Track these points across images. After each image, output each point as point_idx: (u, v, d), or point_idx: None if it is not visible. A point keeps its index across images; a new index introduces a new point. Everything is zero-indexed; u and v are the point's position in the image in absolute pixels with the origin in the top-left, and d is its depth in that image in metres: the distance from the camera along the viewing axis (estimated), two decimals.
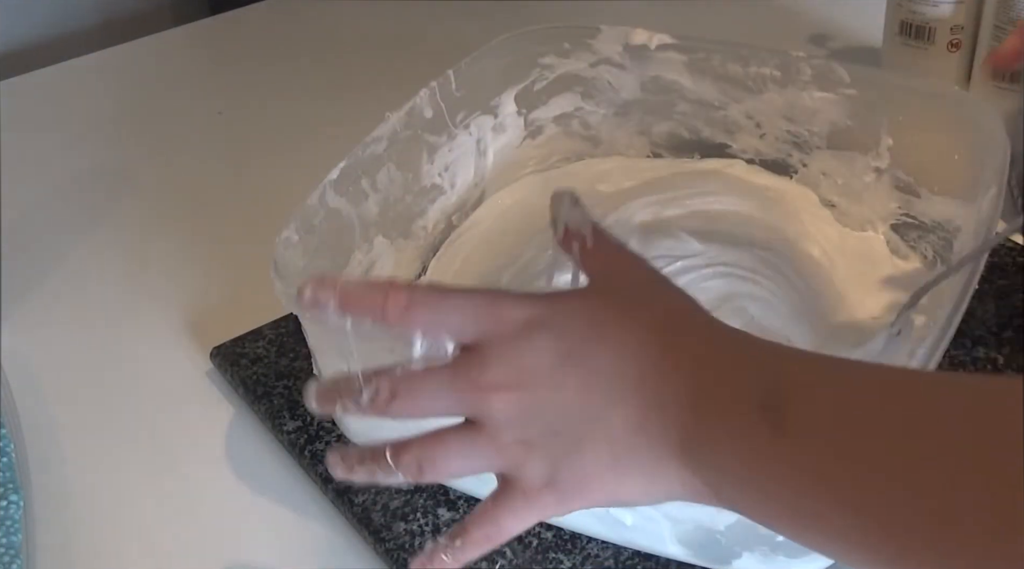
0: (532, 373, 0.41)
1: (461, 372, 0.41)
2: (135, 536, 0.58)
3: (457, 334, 0.42)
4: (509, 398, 0.41)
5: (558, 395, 0.40)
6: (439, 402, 0.42)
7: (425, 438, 0.42)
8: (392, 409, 0.42)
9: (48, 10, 1.24)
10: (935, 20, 0.82)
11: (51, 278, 0.76)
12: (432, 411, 0.42)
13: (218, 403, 0.65)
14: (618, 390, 0.40)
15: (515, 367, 0.41)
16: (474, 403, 0.41)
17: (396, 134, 0.63)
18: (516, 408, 0.41)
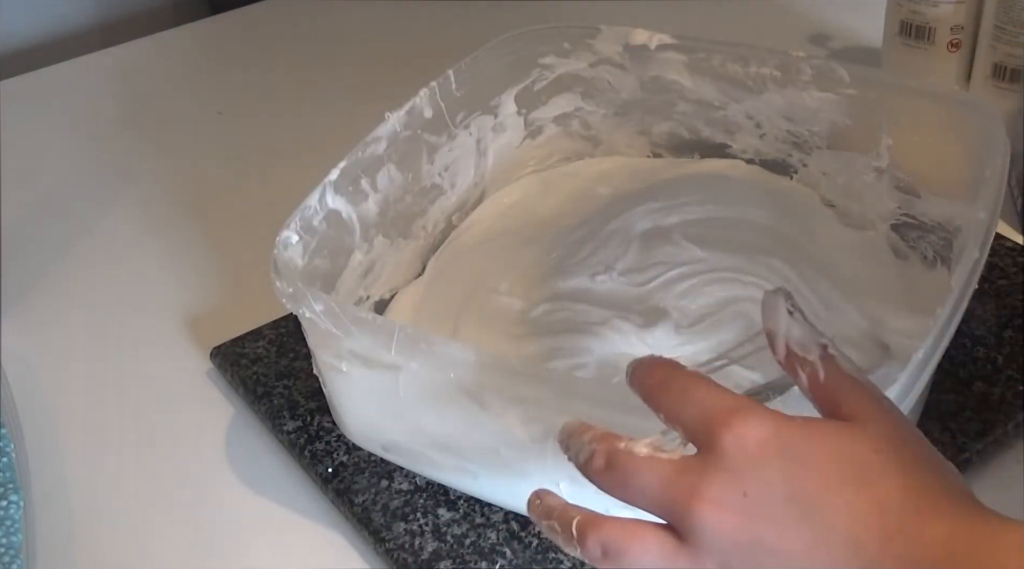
0: (756, 504, 0.37)
1: (685, 474, 0.38)
2: (135, 536, 0.58)
3: (690, 433, 0.39)
4: (725, 520, 0.37)
5: (779, 539, 0.37)
6: (649, 496, 0.39)
7: (621, 525, 0.40)
8: (598, 478, 0.40)
9: (48, 10, 1.24)
10: (935, 20, 0.82)
11: (51, 278, 0.76)
12: (636, 501, 0.39)
13: (218, 403, 0.65)
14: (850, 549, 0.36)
15: (739, 491, 0.37)
16: (687, 512, 0.38)
17: (396, 134, 0.63)
18: (730, 533, 0.37)
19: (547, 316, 0.60)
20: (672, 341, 0.57)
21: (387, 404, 0.52)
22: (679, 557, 0.38)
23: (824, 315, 0.59)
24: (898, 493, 0.37)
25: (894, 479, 0.37)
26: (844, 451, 0.38)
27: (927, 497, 0.37)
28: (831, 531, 0.36)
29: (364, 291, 0.63)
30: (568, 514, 0.41)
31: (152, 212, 0.81)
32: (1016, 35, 0.78)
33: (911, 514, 0.36)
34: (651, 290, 0.60)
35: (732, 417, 0.38)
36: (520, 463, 0.50)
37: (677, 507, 0.38)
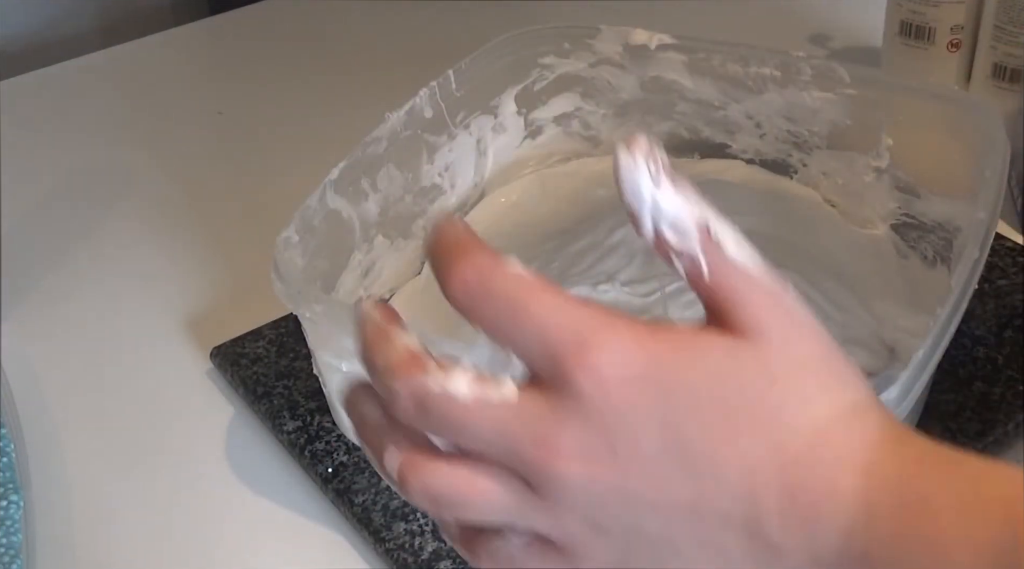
0: (628, 459, 0.31)
1: (528, 418, 0.31)
2: (135, 536, 0.58)
3: (531, 365, 0.32)
4: (591, 477, 0.31)
5: (660, 495, 0.31)
6: (485, 446, 0.32)
7: (454, 474, 0.32)
8: (413, 425, 0.32)
9: (48, 10, 1.24)
10: (935, 20, 0.82)
11: (51, 278, 0.76)
12: (474, 450, 0.32)
13: (218, 403, 0.64)
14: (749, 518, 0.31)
15: (605, 445, 0.30)
16: (540, 469, 0.31)
17: (396, 134, 0.63)
18: (598, 492, 0.31)
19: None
20: None
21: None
22: (532, 511, 0.32)
23: (839, 317, 0.58)
24: (802, 435, 0.31)
25: (797, 417, 0.31)
26: (732, 383, 0.31)
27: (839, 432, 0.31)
28: (721, 484, 0.31)
29: (364, 291, 0.63)
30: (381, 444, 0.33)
31: (152, 212, 0.81)
32: (1016, 35, 0.78)
33: (817, 462, 0.31)
34: (655, 301, 0.60)
35: (585, 349, 0.30)
36: None
37: (526, 461, 0.31)
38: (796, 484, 0.30)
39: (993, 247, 0.55)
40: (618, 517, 0.32)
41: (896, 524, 0.30)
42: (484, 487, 0.32)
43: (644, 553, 0.32)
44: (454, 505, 0.33)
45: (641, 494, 0.31)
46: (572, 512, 0.32)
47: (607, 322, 0.31)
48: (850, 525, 0.30)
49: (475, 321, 0.32)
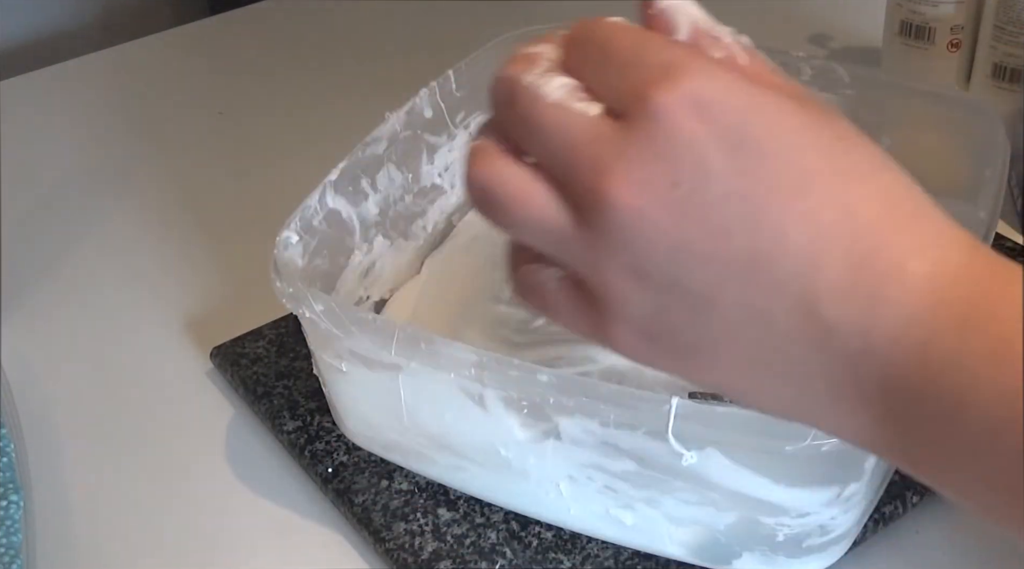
0: (689, 199, 0.28)
1: (595, 135, 0.29)
2: (135, 536, 0.58)
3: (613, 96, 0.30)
4: (645, 213, 0.29)
5: (713, 246, 0.29)
6: (551, 154, 0.30)
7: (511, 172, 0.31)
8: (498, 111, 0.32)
9: (48, 10, 1.24)
10: (935, 20, 0.82)
11: (51, 278, 0.76)
12: (541, 156, 0.31)
13: (218, 403, 0.65)
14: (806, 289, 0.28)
15: (667, 179, 0.28)
16: (594, 191, 0.29)
17: (396, 134, 0.63)
18: (649, 231, 0.29)
19: (550, 326, 0.60)
20: None
21: (387, 404, 0.52)
22: (574, 242, 0.30)
23: None
24: (875, 205, 0.29)
25: (868, 183, 0.29)
26: (810, 136, 0.29)
27: (906, 213, 0.30)
28: (782, 243, 0.28)
29: (364, 291, 0.63)
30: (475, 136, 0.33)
31: (152, 212, 0.81)
32: (1016, 35, 0.78)
33: (887, 236, 0.29)
34: None
35: (668, 74, 0.29)
36: (520, 463, 0.50)
37: (581, 181, 0.29)
38: (864, 255, 0.28)
39: (993, 247, 0.55)
40: (661, 264, 0.29)
41: (960, 319, 0.28)
42: (534, 199, 0.31)
43: (680, 312, 0.30)
44: (501, 205, 0.31)
45: (693, 241, 0.29)
46: (615, 251, 0.30)
47: (699, 55, 0.30)
48: (913, 312, 0.28)
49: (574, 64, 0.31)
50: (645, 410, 0.44)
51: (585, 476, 0.49)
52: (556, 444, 0.49)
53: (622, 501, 0.49)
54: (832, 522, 0.48)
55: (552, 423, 0.48)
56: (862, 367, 0.29)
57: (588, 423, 0.47)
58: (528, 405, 0.48)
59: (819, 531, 0.48)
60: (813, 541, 0.48)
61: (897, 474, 0.53)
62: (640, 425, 0.46)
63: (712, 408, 0.44)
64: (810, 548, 0.49)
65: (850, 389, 0.29)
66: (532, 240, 0.32)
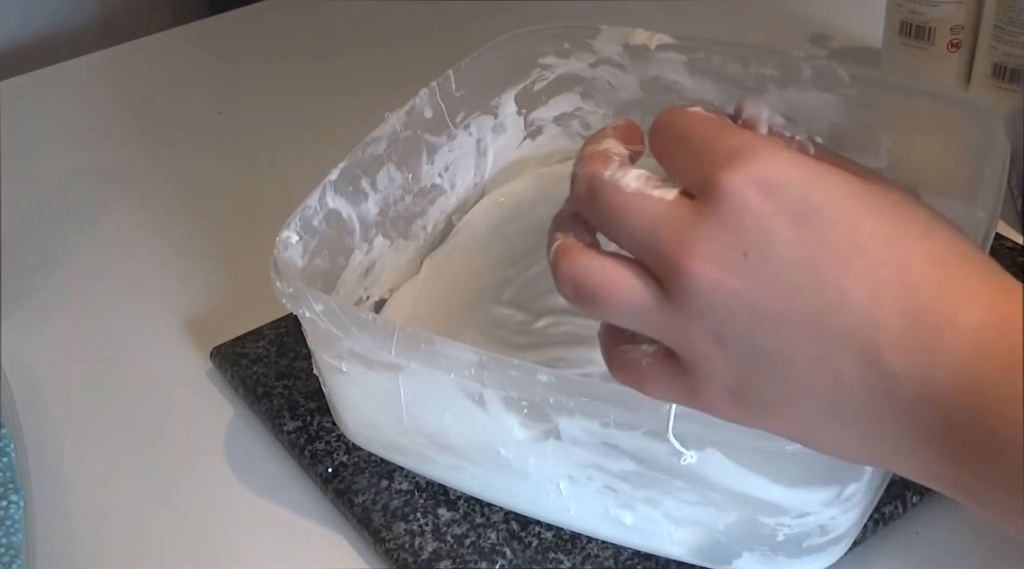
0: (759, 267, 0.32)
1: (675, 218, 0.33)
2: (135, 536, 0.58)
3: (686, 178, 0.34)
4: (721, 282, 0.32)
5: (784, 309, 0.32)
6: (634, 238, 0.33)
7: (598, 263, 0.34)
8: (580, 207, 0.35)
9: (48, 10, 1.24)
10: (935, 20, 0.82)
11: (51, 278, 0.76)
12: (620, 241, 0.34)
13: (218, 403, 0.65)
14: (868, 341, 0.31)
15: (738, 250, 0.32)
16: (675, 266, 0.32)
17: (396, 134, 0.63)
18: (725, 298, 0.32)
19: (549, 328, 0.60)
20: None
21: (387, 404, 0.52)
22: (660, 316, 0.34)
23: None
24: (924, 260, 0.32)
25: (919, 241, 0.32)
26: (863, 203, 0.32)
27: (956, 269, 0.32)
28: (845, 301, 0.31)
29: (364, 291, 0.63)
30: (553, 233, 0.36)
31: (152, 212, 0.81)
32: (1016, 35, 0.78)
33: (939, 288, 0.31)
34: None
35: (734, 157, 0.32)
36: (520, 463, 0.50)
37: (664, 258, 0.33)
38: (919, 309, 0.31)
39: (993, 247, 0.55)
40: (739, 330, 0.32)
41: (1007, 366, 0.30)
42: (621, 283, 0.34)
43: (760, 371, 0.33)
44: (592, 295, 0.34)
45: (764, 304, 0.32)
46: (697, 319, 0.33)
47: (766, 140, 0.33)
48: (964, 360, 0.31)
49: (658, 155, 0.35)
50: (645, 410, 0.44)
51: (585, 476, 0.49)
52: (556, 444, 0.49)
53: (622, 501, 0.49)
54: (832, 522, 0.48)
55: (552, 423, 0.48)
56: (923, 412, 0.31)
57: (588, 423, 0.47)
58: (528, 405, 0.48)
59: (819, 531, 0.48)
60: (813, 541, 0.48)
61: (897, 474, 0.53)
62: (640, 425, 0.46)
63: None
64: (810, 548, 0.49)
65: (913, 432, 0.32)
66: (623, 320, 0.35)
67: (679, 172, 0.34)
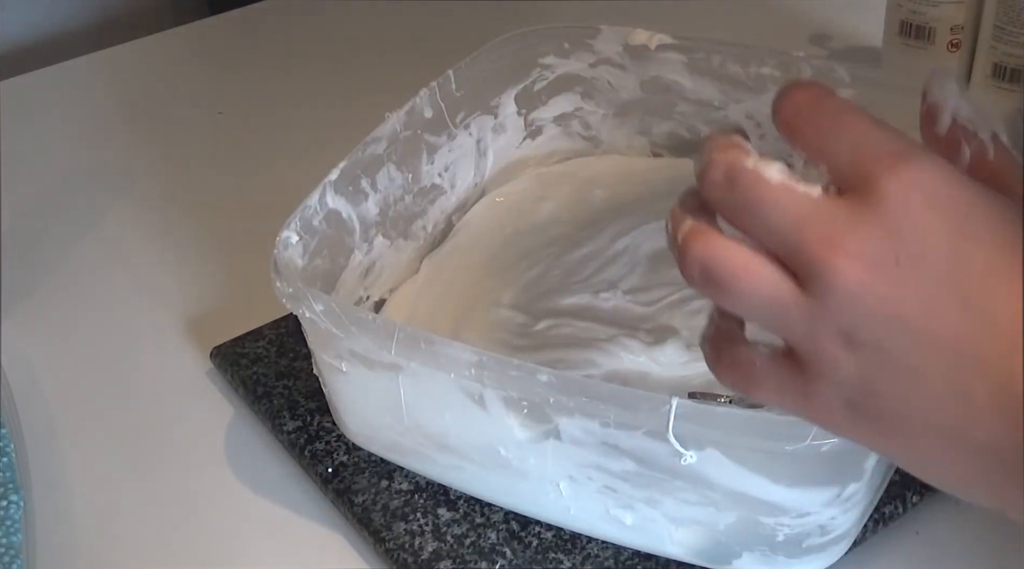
0: (910, 274, 0.31)
1: (823, 214, 0.32)
2: (135, 536, 0.58)
3: (840, 173, 0.32)
4: (868, 283, 0.31)
5: (926, 320, 0.31)
6: (775, 232, 0.32)
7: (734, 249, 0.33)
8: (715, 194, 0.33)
9: (48, 10, 1.24)
10: (935, 20, 0.82)
11: (51, 278, 0.76)
12: (757, 233, 0.33)
13: (218, 403, 0.65)
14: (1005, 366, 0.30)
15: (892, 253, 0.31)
16: (821, 263, 0.31)
17: (396, 134, 0.63)
18: (869, 300, 0.31)
19: (550, 331, 0.60)
20: (682, 358, 0.56)
21: (387, 404, 0.52)
22: (794, 309, 0.32)
23: None
24: None
25: None
26: (1021, 235, 0.31)
27: None
28: (990, 322, 0.30)
29: (364, 291, 0.63)
30: (680, 217, 0.34)
31: (152, 212, 0.81)
32: (1016, 35, 0.78)
33: None
34: (659, 309, 0.59)
35: (899, 161, 0.31)
36: (520, 463, 0.50)
37: (809, 254, 0.32)
38: None
39: None
40: (875, 334, 0.31)
41: None
42: (757, 272, 0.33)
43: (886, 382, 0.32)
44: (724, 281, 0.33)
45: (908, 316, 0.31)
46: (833, 318, 0.32)
47: (923, 148, 0.32)
48: None
49: (797, 135, 0.33)
50: (645, 410, 0.44)
51: (585, 476, 0.49)
52: (556, 444, 0.49)
53: (622, 501, 0.49)
54: (832, 522, 0.48)
55: (552, 423, 0.48)
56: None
57: (588, 423, 0.47)
58: (528, 405, 0.48)
59: (819, 531, 0.48)
60: (813, 541, 0.48)
61: (897, 474, 0.53)
62: (640, 425, 0.46)
63: (712, 408, 0.44)
64: (810, 548, 0.49)
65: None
66: (752, 311, 0.34)
67: (827, 160, 0.32)
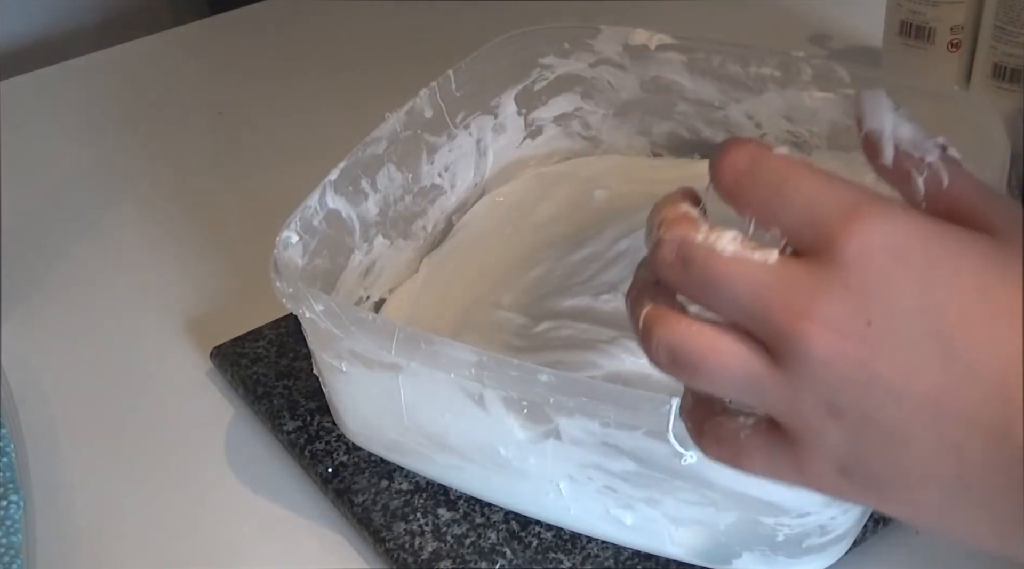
0: (883, 334, 0.30)
1: (784, 281, 0.30)
2: (135, 536, 0.58)
3: (793, 236, 0.31)
4: (841, 349, 0.30)
5: (907, 379, 0.30)
6: (737, 306, 0.31)
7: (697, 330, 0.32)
8: (668, 275, 0.32)
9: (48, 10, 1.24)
10: (935, 20, 0.82)
11: (51, 278, 0.76)
12: (719, 308, 0.32)
13: (218, 403, 0.65)
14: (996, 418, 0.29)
15: (862, 316, 0.30)
16: (790, 333, 0.30)
17: (396, 134, 0.63)
18: (845, 367, 0.30)
19: (550, 332, 0.60)
20: None
21: (387, 404, 0.52)
22: (769, 384, 0.31)
23: None
24: None
25: None
26: (995, 274, 0.30)
27: None
28: (973, 374, 0.29)
29: (364, 291, 0.63)
30: (639, 300, 0.33)
31: (152, 212, 0.81)
32: (1016, 35, 0.78)
33: None
34: None
35: (854, 218, 0.30)
36: (520, 463, 0.50)
37: (776, 326, 0.31)
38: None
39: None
40: (856, 400, 0.30)
41: None
42: (726, 350, 0.32)
43: (875, 445, 0.31)
44: (692, 364, 0.32)
45: (887, 377, 0.30)
46: (810, 388, 0.31)
47: (876, 196, 0.31)
48: None
49: (742, 202, 0.32)
50: (645, 410, 0.44)
51: (585, 476, 0.49)
52: (556, 444, 0.49)
53: (622, 501, 0.49)
54: (832, 522, 0.48)
55: (552, 423, 0.48)
56: None
57: (588, 423, 0.47)
58: (528, 405, 0.48)
59: (819, 531, 0.48)
60: (813, 541, 0.48)
61: None
62: (640, 425, 0.46)
63: None
64: (810, 548, 0.49)
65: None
66: (725, 390, 0.33)
67: (779, 225, 0.31)
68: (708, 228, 0.32)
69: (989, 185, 0.32)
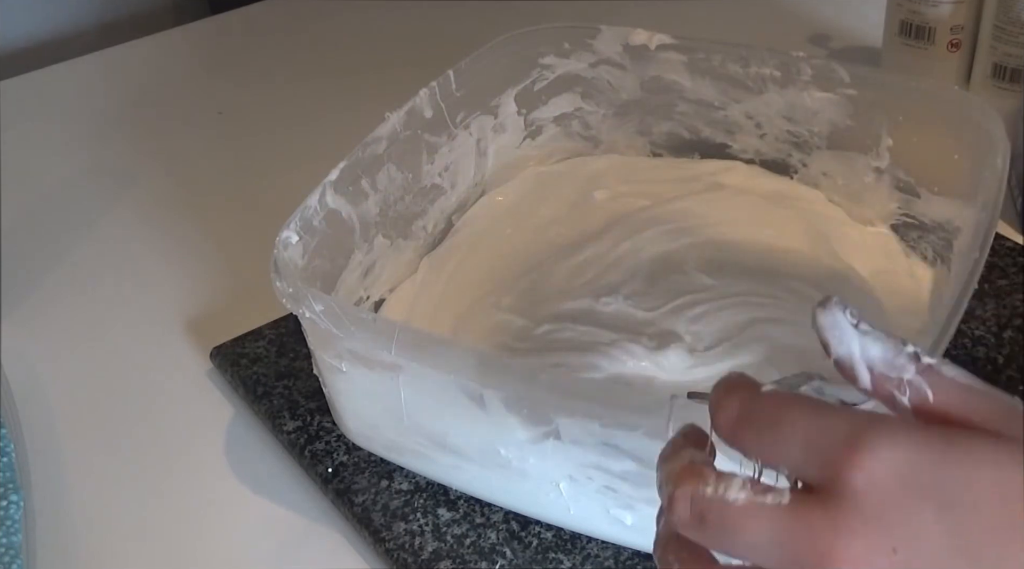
0: (910, 560, 0.30)
1: (803, 524, 0.30)
2: (135, 536, 0.58)
3: (797, 471, 0.31)
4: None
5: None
6: (761, 555, 0.31)
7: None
8: (688, 533, 0.33)
9: (48, 10, 1.24)
10: (935, 20, 0.82)
11: (51, 278, 0.76)
12: (743, 557, 0.32)
13: (218, 403, 0.65)
14: None
15: (886, 547, 0.30)
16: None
17: (396, 134, 0.63)
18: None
19: (550, 335, 0.60)
20: (685, 363, 0.56)
21: (387, 404, 0.52)
22: None
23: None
24: None
25: None
26: (1010, 483, 0.30)
27: None
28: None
29: (364, 291, 0.63)
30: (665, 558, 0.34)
31: (152, 212, 0.81)
32: (1016, 35, 0.78)
33: None
34: (662, 315, 0.59)
35: (855, 449, 0.30)
36: (520, 463, 0.50)
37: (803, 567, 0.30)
38: None
39: (993, 247, 0.55)
40: None
41: None
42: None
43: None
44: None
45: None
46: None
47: (874, 418, 0.31)
48: None
49: (744, 447, 0.33)
50: (645, 410, 0.44)
51: (585, 476, 0.49)
52: (556, 444, 0.49)
53: (622, 501, 0.49)
54: None
55: (552, 423, 0.48)
56: None
57: (588, 423, 0.47)
58: (528, 405, 0.48)
59: None
60: None
61: None
62: (640, 425, 0.46)
63: None
64: None
65: None
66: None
67: (786, 466, 0.31)
68: (716, 477, 0.32)
69: (978, 383, 0.32)
